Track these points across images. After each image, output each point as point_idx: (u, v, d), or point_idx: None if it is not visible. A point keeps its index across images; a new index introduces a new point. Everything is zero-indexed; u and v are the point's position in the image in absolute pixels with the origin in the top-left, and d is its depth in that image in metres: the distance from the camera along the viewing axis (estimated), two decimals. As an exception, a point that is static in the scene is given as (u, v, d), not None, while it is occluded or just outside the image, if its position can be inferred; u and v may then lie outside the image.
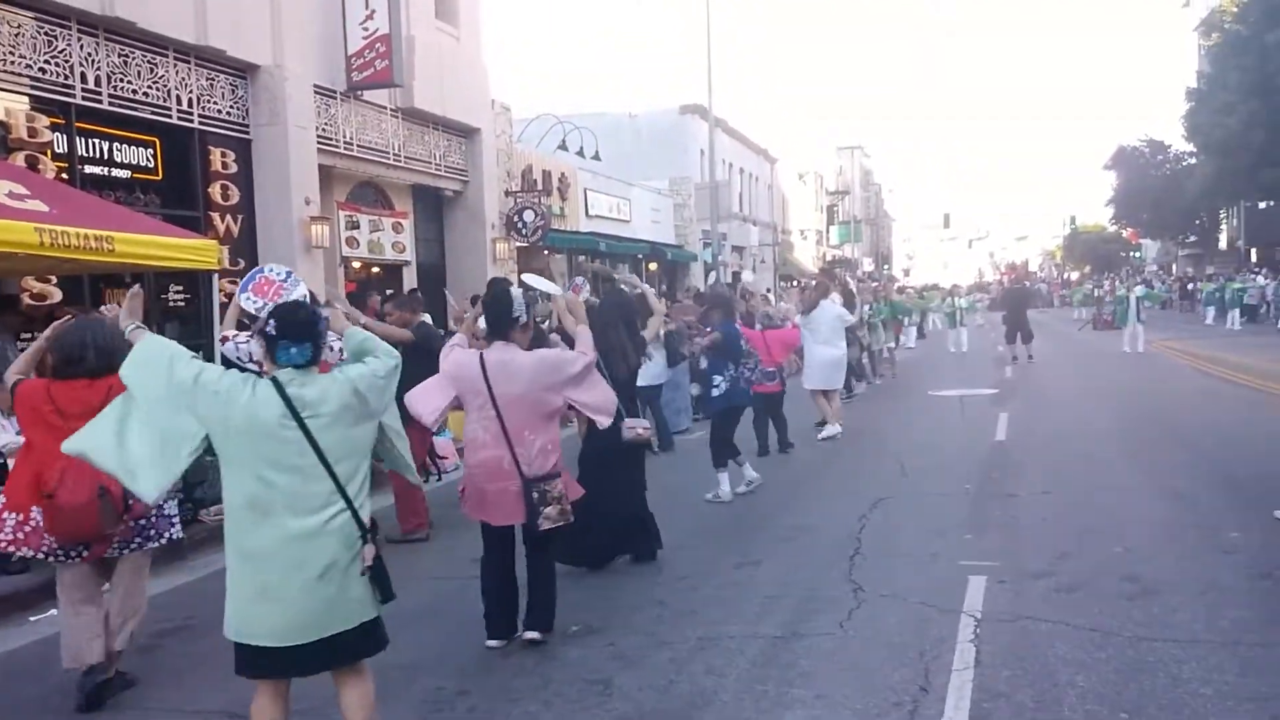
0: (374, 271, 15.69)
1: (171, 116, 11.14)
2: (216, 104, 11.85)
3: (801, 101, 51.61)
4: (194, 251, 8.72)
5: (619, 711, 4.59)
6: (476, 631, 5.46)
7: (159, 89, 10.96)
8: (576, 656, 5.27)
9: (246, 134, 12.29)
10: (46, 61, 9.60)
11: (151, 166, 11.03)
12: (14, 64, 9.25)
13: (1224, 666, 4.69)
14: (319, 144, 13.16)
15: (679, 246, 31.31)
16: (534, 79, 30.29)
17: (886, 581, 6.21)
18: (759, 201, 42.88)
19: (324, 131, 13.44)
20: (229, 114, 12.05)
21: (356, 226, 14.57)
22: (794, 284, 30.26)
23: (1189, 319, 37.12)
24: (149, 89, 10.82)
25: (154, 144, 11.03)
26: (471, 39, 17.34)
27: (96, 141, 10.31)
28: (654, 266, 30.06)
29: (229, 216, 12.01)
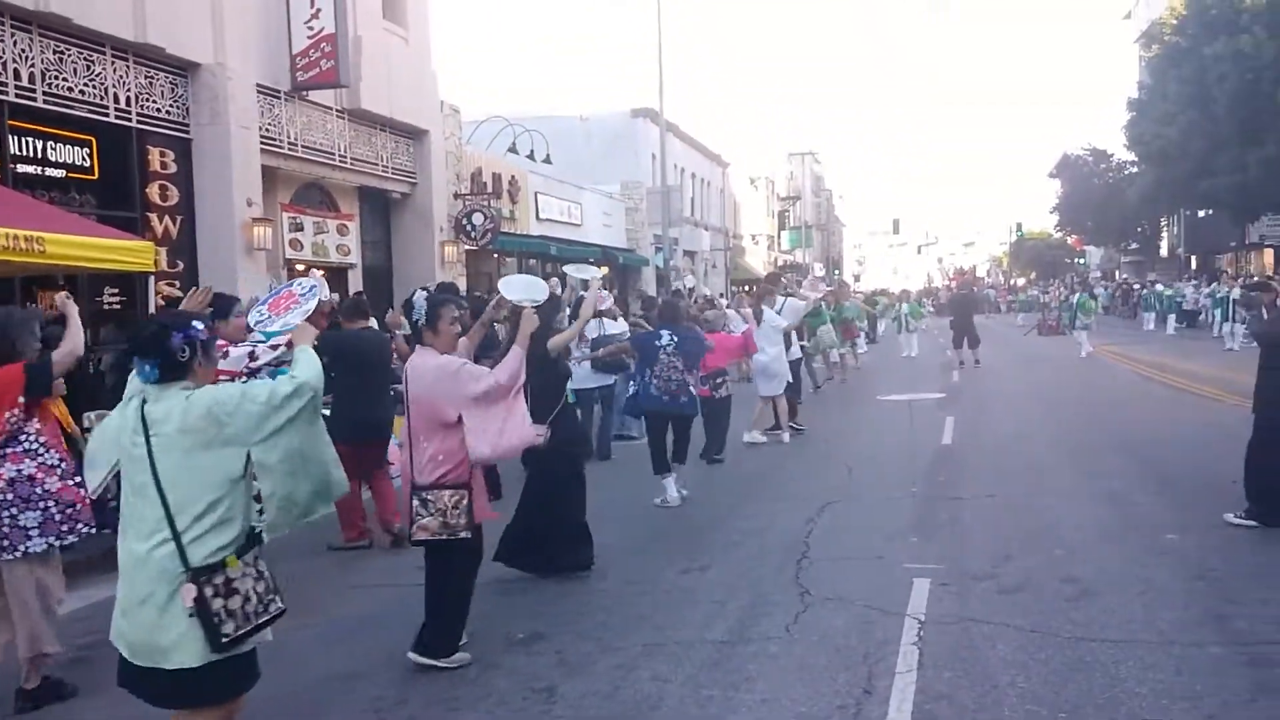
0: (318, 274, 15.45)
1: (109, 115, 10.88)
2: (155, 103, 11.60)
3: (753, 107, 51.94)
4: (129, 253, 8.52)
5: (563, 719, 4.53)
6: (419, 640, 5.37)
7: (96, 87, 10.71)
8: (521, 664, 5.21)
9: (187, 133, 12.05)
10: (-23, 57, 9.35)
11: (87, 166, 10.76)
12: (-58, 59, 9.00)
13: (1160, 666, 4.76)
14: (262, 144, 12.94)
15: (631, 251, 31.32)
16: (484, 81, 30.15)
17: (833, 585, 6.23)
18: (711, 206, 43.05)
19: (267, 132, 13.22)
20: (168, 113, 11.80)
21: (301, 229, 14.34)
22: (744, 289, 30.39)
23: (1130, 325, 37.92)
24: (85, 87, 10.56)
25: (90, 143, 10.77)
26: (420, 40, 17.18)
27: (30, 140, 10.04)
28: (606, 270, 30.04)
29: (168, 217, 11.75)
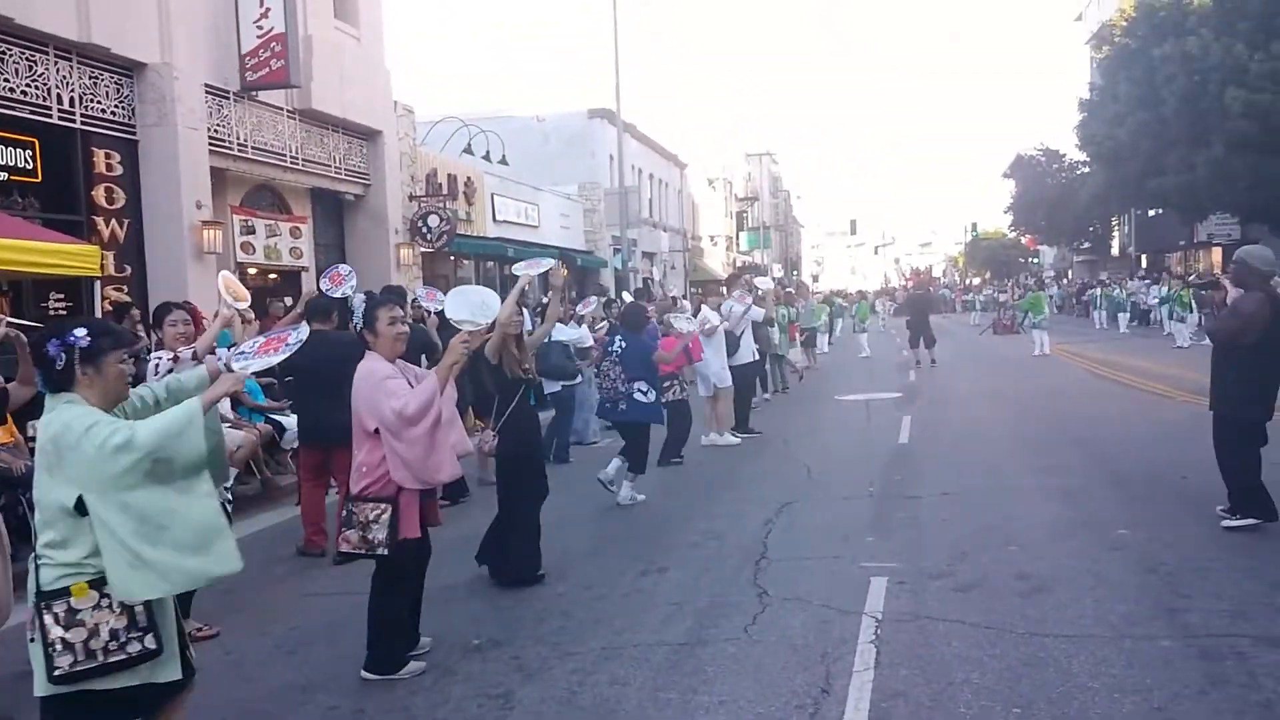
0: (271, 278, 15.26)
1: (52, 116, 10.66)
2: (100, 103, 11.37)
3: (710, 107, 52.12)
4: (74, 257, 8.34)
5: (519, 726, 4.50)
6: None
7: (38, 87, 10.48)
8: (477, 670, 5.16)
9: (133, 135, 11.83)
10: (-87, 56, 9.10)
11: (30, 168, 10.54)
12: (-125, 58, 8.75)
13: (1111, 660, 4.81)
14: (211, 145, 12.75)
15: (589, 252, 31.27)
16: (438, 81, 29.96)
17: (791, 585, 6.24)
18: (669, 207, 43.11)
19: (216, 133, 13.02)
20: (114, 114, 11.58)
21: (252, 231, 14.14)
22: (698, 291, 30.49)
23: (1083, 324, 38.53)
24: (27, 87, 10.33)
25: (33, 144, 10.55)
26: (373, 39, 17.02)
27: (-31, 142, 9.82)
28: (564, 272, 29.93)
29: (114, 221, 11.53)
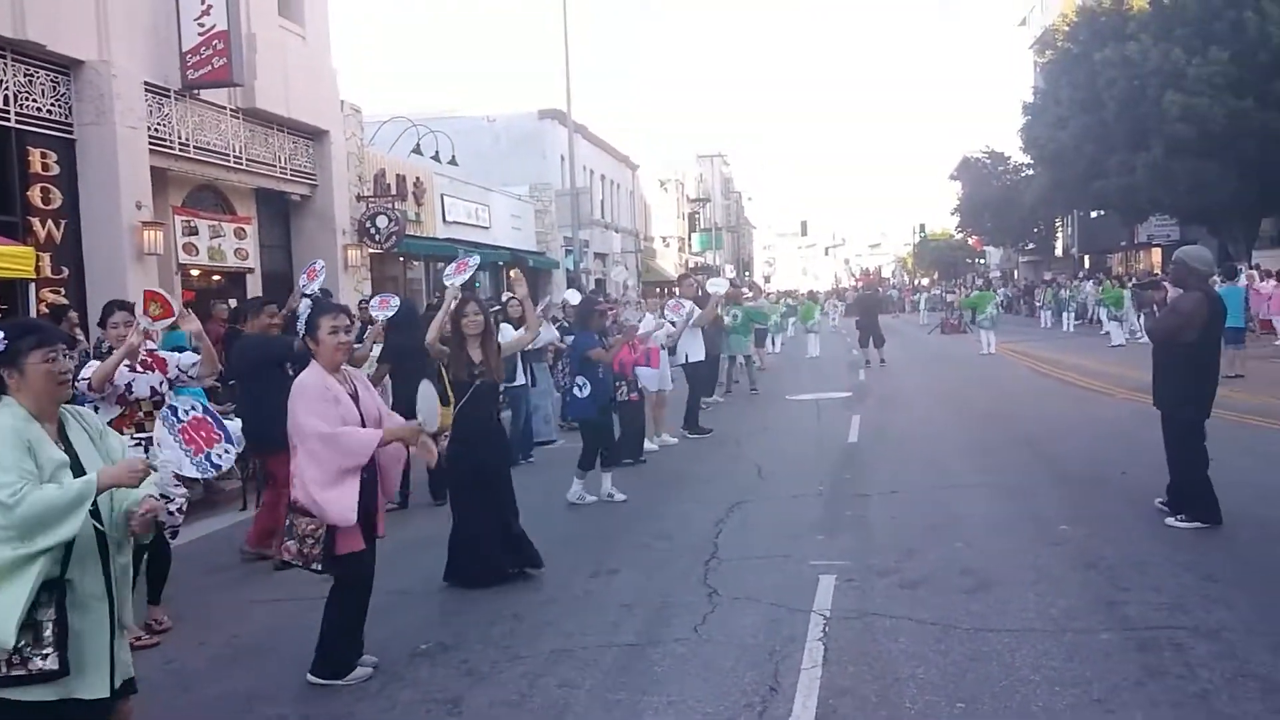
0: (215, 279, 15.00)
1: (-15, 114, 10.38)
2: (36, 101, 11.10)
3: (662, 109, 52.29)
4: (8, 259, 8.17)
5: (467, 730, 4.46)
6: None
7: (-30, 84, 10.20)
8: (425, 675, 5.11)
9: (70, 134, 11.56)
10: None
11: (-38, 168, 10.25)
12: None
13: (1052, 653, 4.89)
14: (151, 145, 12.50)
15: (541, 253, 31.16)
16: (386, 81, 29.71)
17: (740, 585, 6.26)
18: (621, 208, 43.12)
19: (157, 132, 12.77)
20: (50, 112, 11.30)
21: (195, 232, 13.88)
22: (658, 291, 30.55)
23: (1030, 323, 39.21)
24: (-42, 84, 10.05)
25: (-36, 144, 10.27)
26: (318, 38, 16.80)
27: (-104, 140, 9.53)
28: (515, 274, 29.78)
29: (51, 221, 11.25)
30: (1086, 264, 47.55)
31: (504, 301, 12.65)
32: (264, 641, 5.80)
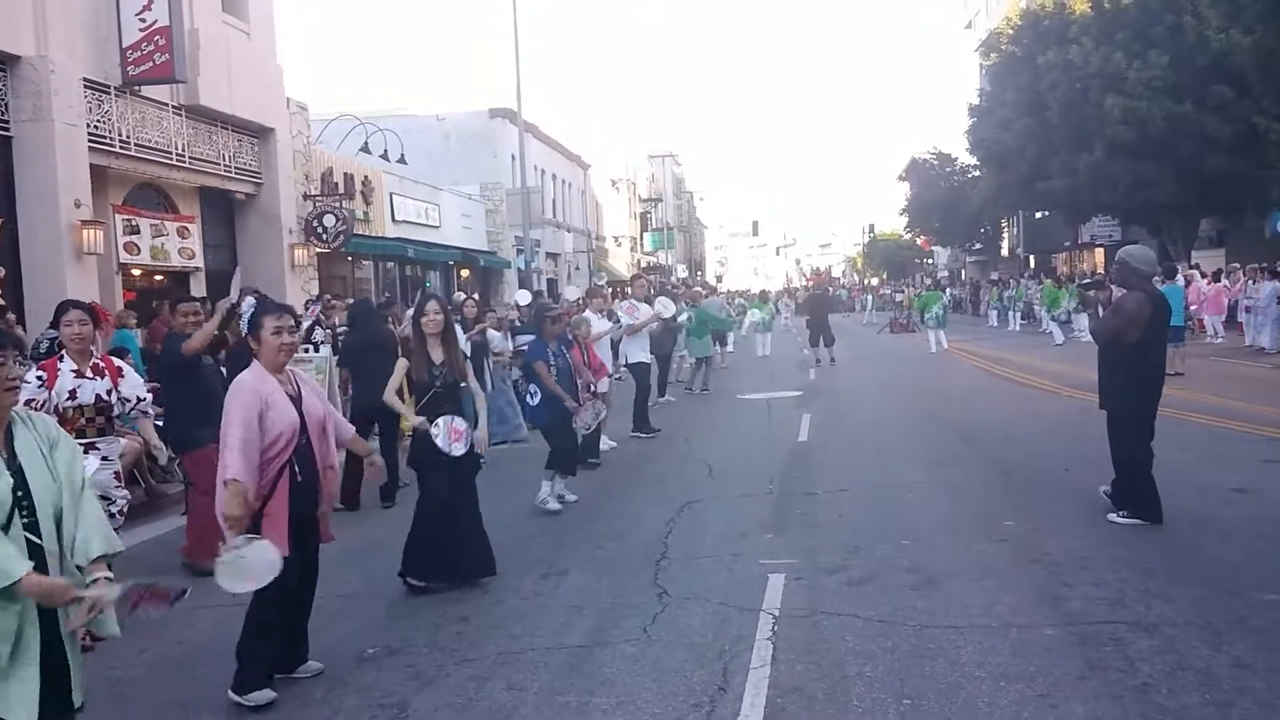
0: (157, 279, 14.70)
1: (-86, 109, 10.07)
2: (-31, 96, 10.80)
3: (613, 109, 52.21)
4: (-62, 258, 7.88)
5: (412, 736, 4.41)
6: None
7: (-103, 78, 9.89)
8: (371, 680, 5.04)
9: (6, 130, 11.27)
10: None
11: (-110, 164, 9.94)
12: None
13: (997, 649, 4.95)
14: (91, 142, 12.21)
15: (492, 253, 30.98)
16: (334, 78, 29.29)
17: (690, 584, 6.27)
18: (573, 208, 43.02)
19: (96, 129, 12.48)
20: (-16, 108, 11.00)
21: (136, 231, 13.59)
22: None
23: (978, 322, 39.79)
24: (-115, 78, 9.74)
25: (-107, 139, 9.95)
26: (263, 34, 16.54)
27: None
28: (466, 273, 29.61)
29: (-14, 220, 10.97)
30: (1032, 264, 48.31)
31: (459, 303, 12.58)
32: (207, 649, 5.67)
